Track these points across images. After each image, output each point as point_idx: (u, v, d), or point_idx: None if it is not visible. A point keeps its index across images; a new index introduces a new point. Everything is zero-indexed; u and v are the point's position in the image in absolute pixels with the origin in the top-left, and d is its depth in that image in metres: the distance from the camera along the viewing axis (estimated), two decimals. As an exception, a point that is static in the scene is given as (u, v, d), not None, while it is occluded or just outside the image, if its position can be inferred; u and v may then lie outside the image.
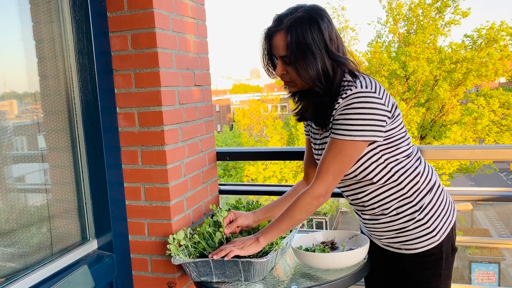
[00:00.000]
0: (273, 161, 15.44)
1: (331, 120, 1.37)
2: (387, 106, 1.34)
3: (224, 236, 1.56)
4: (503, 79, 22.45)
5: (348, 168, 1.36)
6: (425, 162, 1.48)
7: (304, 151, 1.73)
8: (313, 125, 1.55)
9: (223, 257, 1.42)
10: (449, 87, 15.76)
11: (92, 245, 1.70)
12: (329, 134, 1.39)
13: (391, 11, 17.13)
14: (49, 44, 1.59)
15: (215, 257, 1.44)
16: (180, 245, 1.58)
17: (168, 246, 1.56)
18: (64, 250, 1.60)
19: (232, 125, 25.32)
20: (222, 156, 2.24)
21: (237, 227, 1.59)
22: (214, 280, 1.50)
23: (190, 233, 1.62)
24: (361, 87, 1.31)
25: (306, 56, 1.33)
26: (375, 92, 1.31)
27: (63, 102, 1.64)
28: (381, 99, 1.32)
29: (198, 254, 1.55)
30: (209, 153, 2.07)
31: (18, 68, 1.53)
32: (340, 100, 1.34)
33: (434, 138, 16.03)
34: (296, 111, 1.55)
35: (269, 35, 1.41)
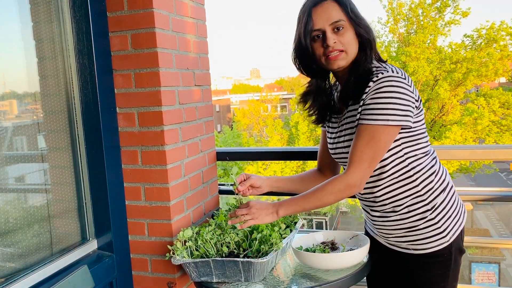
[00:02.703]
0: (273, 161, 15.44)
1: (361, 104, 1.36)
2: (415, 96, 1.35)
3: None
4: (503, 79, 22.46)
5: (382, 155, 1.34)
6: (440, 163, 1.48)
7: (301, 150, 1.73)
8: (333, 114, 1.55)
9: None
10: (449, 87, 15.77)
11: (92, 245, 1.70)
12: (356, 123, 1.38)
13: (391, 11, 17.14)
14: (49, 44, 1.59)
15: (229, 222, 1.43)
16: (184, 244, 1.58)
17: (175, 242, 1.56)
18: (64, 250, 1.59)
19: (232, 125, 25.32)
20: (222, 156, 2.24)
21: (250, 186, 1.60)
22: (214, 280, 1.50)
23: (197, 233, 1.62)
24: (392, 72, 1.32)
25: (362, 18, 1.40)
26: (405, 79, 1.32)
27: (63, 102, 1.64)
28: (410, 87, 1.33)
29: (200, 255, 1.55)
30: (209, 153, 2.07)
31: (18, 68, 1.53)
32: (370, 84, 1.33)
33: (434, 138, 16.03)
34: (314, 114, 1.56)
35: (313, 5, 1.40)
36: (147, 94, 1.67)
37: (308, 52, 1.42)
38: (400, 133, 1.35)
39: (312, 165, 16.29)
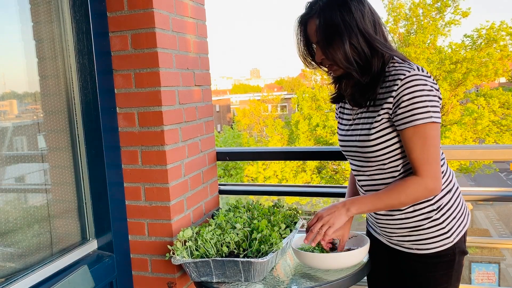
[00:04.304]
0: (273, 161, 15.44)
1: (391, 102, 1.32)
2: (440, 95, 1.34)
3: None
4: (503, 79, 22.46)
5: (440, 150, 1.33)
6: (447, 164, 1.48)
7: (301, 150, 1.72)
8: (347, 106, 1.53)
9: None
10: (449, 87, 15.76)
11: (92, 245, 1.70)
12: (378, 119, 1.35)
13: (392, 10, 17.14)
14: (49, 44, 1.59)
15: (312, 244, 1.40)
16: (184, 244, 1.58)
17: (175, 242, 1.56)
18: (64, 250, 1.60)
19: (232, 125, 25.35)
20: (222, 156, 2.24)
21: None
22: (214, 280, 1.50)
23: (197, 233, 1.62)
24: (419, 70, 1.31)
25: (333, 39, 1.33)
26: (430, 77, 1.32)
27: (63, 102, 1.64)
28: (436, 84, 1.33)
29: (200, 255, 1.55)
30: (209, 153, 2.07)
31: (18, 68, 1.53)
32: (398, 82, 1.30)
33: (434, 138, 16.00)
34: (333, 94, 1.55)
35: (304, 22, 1.41)
36: (147, 94, 1.67)
37: (306, 56, 1.49)
38: None
39: (312, 165, 16.27)
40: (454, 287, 1.44)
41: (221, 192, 2.23)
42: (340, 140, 1.55)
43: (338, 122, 1.59)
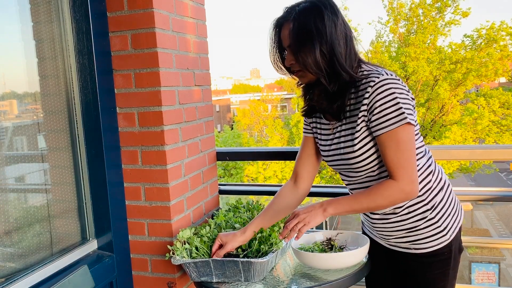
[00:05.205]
0: (273, 161, 15.44)
1: (365, 109, 1.33)
2: (412, 96, 1.35)
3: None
4: (503, 79, 22.46)
5: (415, 152, 1.33)
6: (435, 162, 1.48)
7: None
8: (323, 121, 1.52)
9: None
10: (449, 87, 15.75)
11: (92, 245, 1.70)
12: (358, 129, 1.36)
13: (392, 10, 17.14)
14: (49, 44, 1.59)
15: (285, 240, 1.39)
16: (184, 244, 1.58)
17: (175, 242, 1.56)
18: (64, 250, 1.60)
19: (232, 125, 25.36)
20: (222, 156, 2.24)
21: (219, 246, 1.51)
22: (214, 280, 1.50)
23: (194, 233, 1.62)
24: (387, 74, 1.31)
25: (305, 44, 1.33)
26: (399, 80, 1.33)
27: (63, 102, 1.64)
28: (405, 87, 1.33)
29: (200, 256, 1.55)
30: (209, 153, 2.07)
31: (18, 68, 1.53)
32: (369, 89, 1.31)
33: (434, 138, 16.02)
34: (304, 107, 1.55)
35: (279, 25, 1.41)
36: (147, 94, 1.67)
37: (277, 61, 1.49)
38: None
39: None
40: (451, 284, 1.45)
41: (221, 192, 2.23)
42: (324, 156, 1.54)
43: (315, 138, 1.57)
